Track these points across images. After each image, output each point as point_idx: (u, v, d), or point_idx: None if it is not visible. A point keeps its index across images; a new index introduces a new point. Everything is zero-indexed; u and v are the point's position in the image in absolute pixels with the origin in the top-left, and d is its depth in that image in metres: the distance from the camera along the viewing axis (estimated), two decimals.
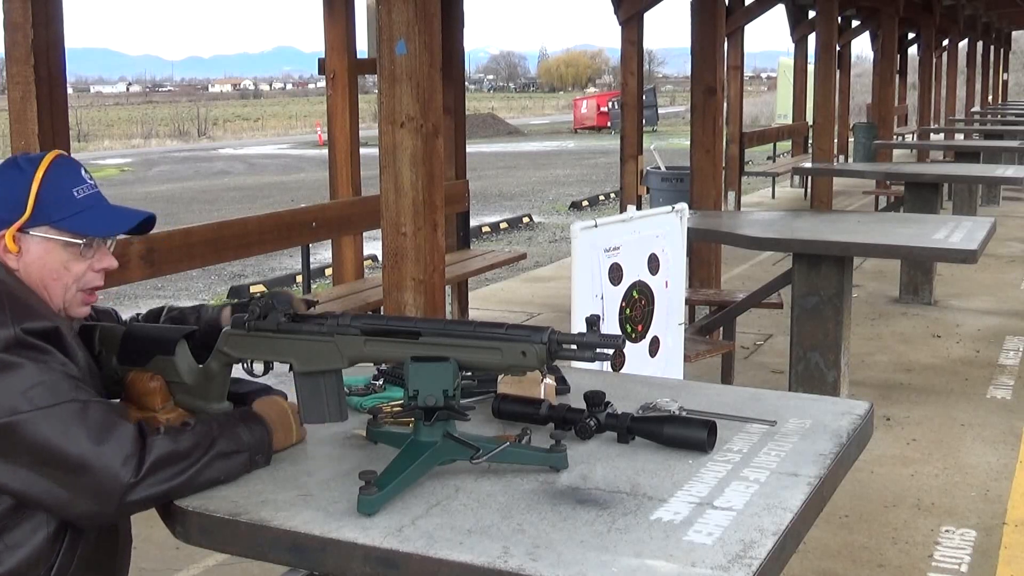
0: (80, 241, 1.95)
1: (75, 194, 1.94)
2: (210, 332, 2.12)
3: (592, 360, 1.89)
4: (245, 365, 2.13)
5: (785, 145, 17.69)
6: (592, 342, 1.86)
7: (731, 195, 11.53)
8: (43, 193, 1.91)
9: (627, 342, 3.66)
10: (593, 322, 1.88)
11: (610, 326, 3.61)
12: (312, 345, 2.00)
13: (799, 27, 15.47)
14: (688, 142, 7.68)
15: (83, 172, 1.99)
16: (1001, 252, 10.20)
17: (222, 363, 2.10)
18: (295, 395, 2.04)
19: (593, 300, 3.56)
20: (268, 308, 2.03)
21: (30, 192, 1.91)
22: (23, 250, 1.92)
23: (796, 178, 16.94)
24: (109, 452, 1.75)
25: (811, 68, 12.61)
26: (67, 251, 1.94)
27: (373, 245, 8.53)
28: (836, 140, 13.29)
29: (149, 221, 2.06)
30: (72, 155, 2.22)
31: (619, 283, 3.67)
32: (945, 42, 21.67)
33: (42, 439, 1.75)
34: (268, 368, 2.15)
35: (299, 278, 10.01)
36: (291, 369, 2.03)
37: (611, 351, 1.88)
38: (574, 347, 1.87)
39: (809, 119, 13.61)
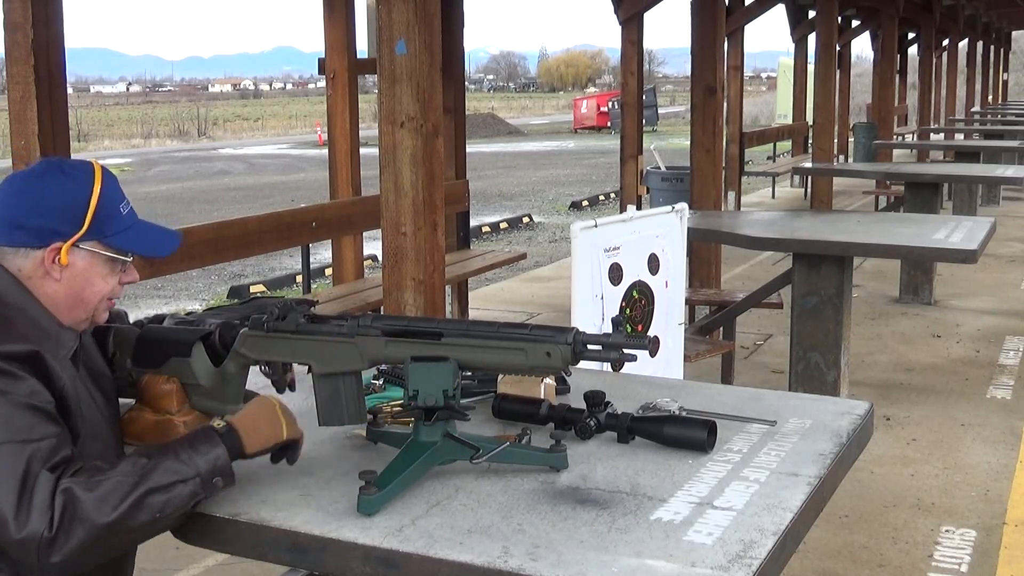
0: (128, 259, 1.95)
1: (121, 210, 1.94)
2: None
3: (618, 361, 1.85)
4: (263, 367, 2.12)
5: (785, 145, 17.68)
6: (618, 342, 1.83)
7: (731, 195, 11.52)
8: (100, 208, 1.90)
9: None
10: (619, 322, 1.86)
11: (609, 326, 3.60)
12: (332, 346, 1.97)
13: (799, 27, 15.46)
14: (688, 142, 7.69)
15: (119, 185, 1.98)
16: (1001, 252, 10.20)
17: (239, 365, 2.07)
18: (313, 396, 2.02)
19: (593, 300, 3.56)
20: (287, 309, 2.02)
21: (89, 206, 1.88)
22: (70, 263, 1.90)
23: (796, 178, 16.95)
24: (29, 506, 1.66)
25: (811, 68, 12.61)
26: (107, 266, 1.93)
27: (373, 245, 8.53)
28: (836, 140, 13.28)
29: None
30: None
31: (619, 283, 3.67)
32: (945, 42, 21.66)
33: None
34: (287, 370, 2.14)
35: (299, 278, 10.01)
36: (310, 371, 2.00)
37: (637, 352, 1.84)
38: (599, 348, 1.85)
39: (809, 119, 13.60)
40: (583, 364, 1.92)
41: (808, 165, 11.80)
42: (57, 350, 1.87)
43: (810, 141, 13.52)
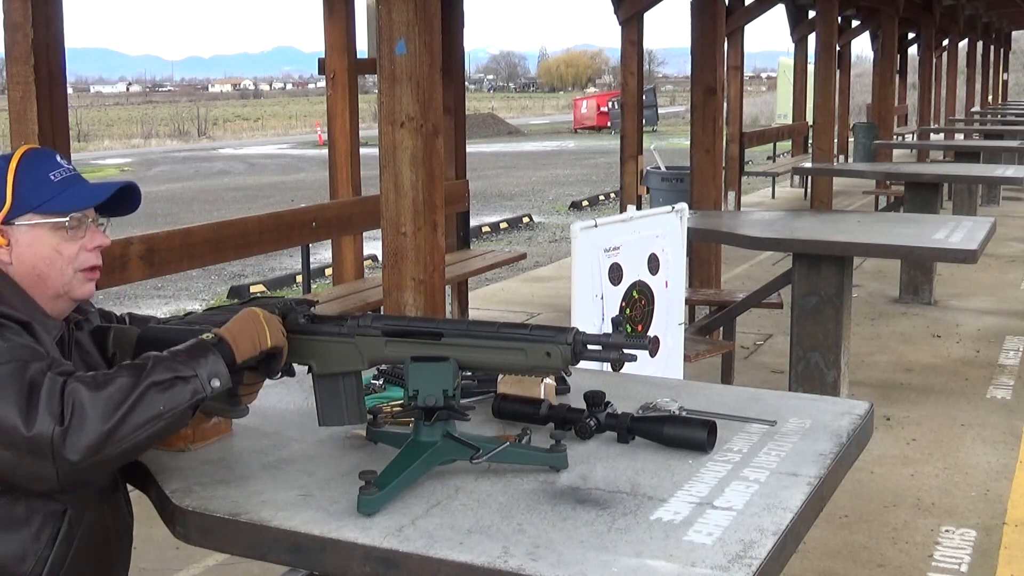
0: (65, 219, 1.95)
1: (52, 178, 1.96)
2: None
3: (618, 361, 1.86)
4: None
5: (785, 145, 17.68)
6: (618, 342, 1.83)
7: (731, 195, 11.53)
8: (19, 181, 1.93)
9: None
10: (619, 322, 1.86)
11: (609, 326, 3.60)
12: (332, 346, 1.98)
13: (799, 27, 15.46)
14: (688, 142, 7.69)
15: (58, 158, 2.01)
16: (1001, 252, 10.20)
17: None
18: (313, 396, 2.03)
19: (593, 300, 3.56)
20: (287, 309, 2.02)
21: (6, 183, 1.92)
22: (12, 242, 1.93)
23: (796, 178, 16.94)
24: (36, 407, 1.70)
25: (811, 68, 12.61)
26: (55, 234, 1.95)
27: (373, 245, 8.52)
28: (836, 140, 13.29)
29: (134, 193, 2.05)
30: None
31: (619, 283, 3.67)
32: (945, 42, 21.66)
33: None
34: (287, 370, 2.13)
35: (299, 278, 10.01)
36: (310, 371, 2.01)
37: (637, 352, 1.84)
38: (599, 348, 1.85)
39: (809, 119, 13.60)
40: (583, 364, 1.92)
41: (808, 165, 11.80)
42: (45, 335, 1.91)
43: (810, 141, 13.52)
